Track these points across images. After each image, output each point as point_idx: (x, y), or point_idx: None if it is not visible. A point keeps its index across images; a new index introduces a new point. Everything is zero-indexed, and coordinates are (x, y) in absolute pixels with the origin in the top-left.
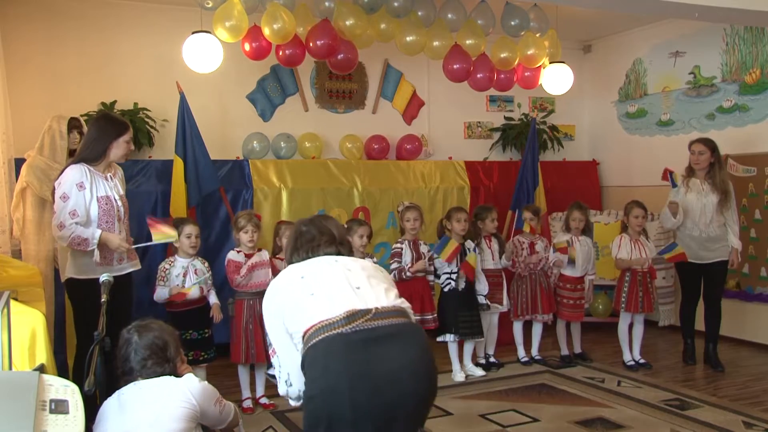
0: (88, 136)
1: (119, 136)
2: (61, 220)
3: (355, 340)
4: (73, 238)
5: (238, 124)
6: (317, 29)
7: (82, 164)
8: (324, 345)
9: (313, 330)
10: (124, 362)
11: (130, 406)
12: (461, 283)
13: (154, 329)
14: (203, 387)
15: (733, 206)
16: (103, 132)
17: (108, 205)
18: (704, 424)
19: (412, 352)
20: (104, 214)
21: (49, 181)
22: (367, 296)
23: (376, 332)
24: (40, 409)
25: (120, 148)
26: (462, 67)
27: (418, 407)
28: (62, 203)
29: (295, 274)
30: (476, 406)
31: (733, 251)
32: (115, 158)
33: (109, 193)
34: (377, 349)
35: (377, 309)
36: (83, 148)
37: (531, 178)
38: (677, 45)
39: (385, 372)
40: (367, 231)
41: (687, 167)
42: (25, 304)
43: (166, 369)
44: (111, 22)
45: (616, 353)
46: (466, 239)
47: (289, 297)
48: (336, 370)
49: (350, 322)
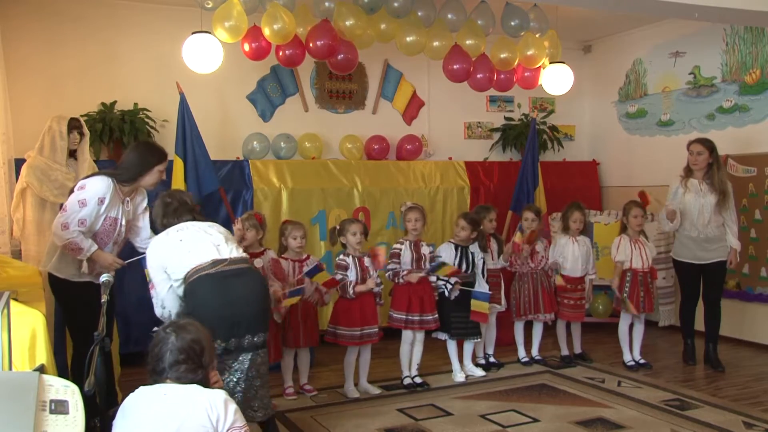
0: (128, 159)
1: (156, 165)
2: (68, 222)
3: (218, 278)
4: (70, 242)
5: (238, 125)
6: (317, 29)
7: (112, 180)
8: (199, 281)
9: (191, 272)
10: (156, 361)
11: (150, 410)
12: (453, 294)
13: (192, 331)
14: (233, 412)
15: (732, 206)
16: (143, 159)
17: (112, 226)
18: (704, 424)
19: (251, 285)
20: (104, 232)
21: (49, 181)
22: (223, 250)
23: (230, 272)
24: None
25: (153, 176)
26: (462, 67)
27: (254, 317)
28: (77, 207)
29: (174, 238)
30: (476, 406)
31: (731, 251)
32: (145, 185)
33: (118, 216)
34: (231, 282)
35: (230, 258)
36: (120, 168)
37: (531, 178)
38: (677, 45)
39: (236, 296)
40: (361, 228)
41: (685, 167)
42: (25, 304)
43: (198, 375)
44: (111, 22)
45: (616, 353)
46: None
47: (172, 253)
48: (206, 295)
49: (214, 266)
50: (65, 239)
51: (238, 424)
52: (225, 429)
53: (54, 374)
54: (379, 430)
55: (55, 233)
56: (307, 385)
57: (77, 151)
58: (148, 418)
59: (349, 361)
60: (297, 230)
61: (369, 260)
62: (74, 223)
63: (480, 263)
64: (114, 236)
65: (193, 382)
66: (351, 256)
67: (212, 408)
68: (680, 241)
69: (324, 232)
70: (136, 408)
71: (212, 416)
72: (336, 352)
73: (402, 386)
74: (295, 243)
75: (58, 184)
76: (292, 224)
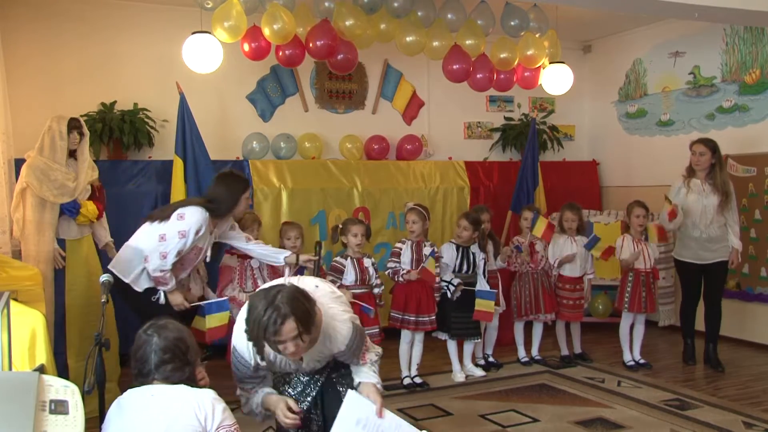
0: (217, 193)
1: (243, 194)
2: (167, 251)
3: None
4: (163, 274)
5: (238, 125)
6: (317, 29)
7: (207, 213)
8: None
9: None
10: (142, 364)
11: (138, 412)
12: (456, 295)
13: (174, 330)
14: (221, 410)
15: (734, 207)
16: (233, 189)
17: (196, 255)
18: (704, 424)
19: None
20: (188, 260)
21: (49, 181)
22: None
23: None
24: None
25: (241, 205)
26: (462, 67)
27: None
28: (177, 239)
29: None
30: (476, 406)
31: (733, 251)
32: (238, 215)
33: (203, 246)
34: None
35: None
36: (214, 203)
37: (531, 178)
38: (677, 45)
39: None
40: (362, 230)
41: (687, 167)
42: (25, 304)
43: (185, 373)
44: (111, 22)
45: (616, 353)
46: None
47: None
48: None
49: None
50: (161, 269)
51: (227, 423)
52: (214, 428)
53: (54, 374)
54: None
55: (152, 260)
56: None
57: (77, 151)
58: (137, 420)
59: None
60: (291, 230)
61: (370, 261)
62: (173, 254)
63: (481, 264)
64: (196, 263)
65: (180, 381)
66: (349, 257)
67: (200, 407)
68: (682, 241)
69: (324, 232)
70: (125, 410)
71: (200, 416)
72: None
73: (402, 386)
74: (289, 243)
75: (58, 184)
76: (287, 225)
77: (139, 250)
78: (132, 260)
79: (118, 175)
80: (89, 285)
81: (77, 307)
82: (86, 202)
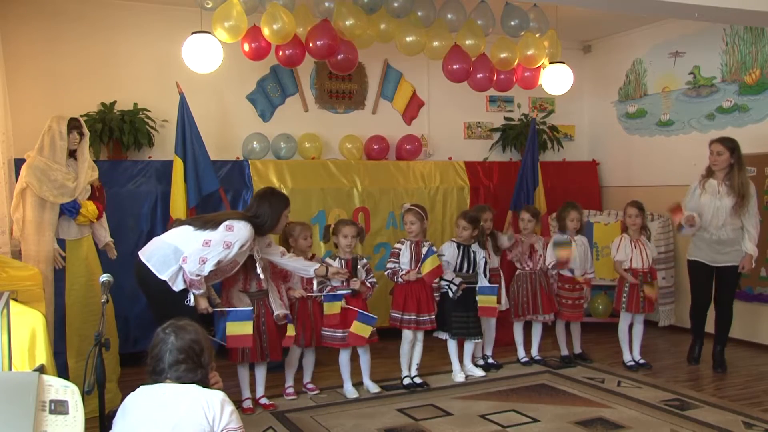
0: (261, 211)
1: (284, 211)
2: (207, 257)
3: None
4: (198, 278)
5: (238, 125)
6: (317, 29)
7: (253, 230)
8: None
9: None
10: (156, 361)
11: (148, 409)
12: (457, 295)
13: (191, 332)
14: (229, 413)
15: (753, 211)
16: (276, 206)
17: (231, 267)
18: (704, 424)
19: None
20: (222, 271)
21: (49, 181)
22: None
23: None
24: (39, 410)
25: (282, 222)
26: (462, 67)
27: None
28: (221, 248)
29: None
30: (476, 407)
31: (746, 256)
32: (277, 232)
33: (239, 259)
34: None
35: None
36: (259, 219)
37: (531, 178)
38: (677, 45)
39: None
40: (353, 231)
41: (707, 167)
42: (25, 304)
43: (197, 375)
44: (111, 22)
45: (616, 353)
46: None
47: None
48: None
49: None
50: (196, 273)
51: (233, 425)
52: (219, 429)
53: (54, 374)
54: (379, 430)
55: (190, 261)
56: (310, 383)
57: (77, 151)
58: (146, 416)
59: (343, 362)
60: (307, 230)
61: (362, 263)
62: (213, 261)
63: (482, 262)
64: (228, 274)
65: (192, 382)
66: (338, 257)
67: (209, 407)
68: (694, 242)
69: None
70: (136, 406)
71: (209, 415)
72: (336, 352)
73: (402, 386)
74: (305, 243)
75: (58, 184)
76: (301, 225)
77: (178, 249)
78: (168, 257)
79: (118, 175)
80: (89, 285)
81: (77, 307)
82: (86, 202)
